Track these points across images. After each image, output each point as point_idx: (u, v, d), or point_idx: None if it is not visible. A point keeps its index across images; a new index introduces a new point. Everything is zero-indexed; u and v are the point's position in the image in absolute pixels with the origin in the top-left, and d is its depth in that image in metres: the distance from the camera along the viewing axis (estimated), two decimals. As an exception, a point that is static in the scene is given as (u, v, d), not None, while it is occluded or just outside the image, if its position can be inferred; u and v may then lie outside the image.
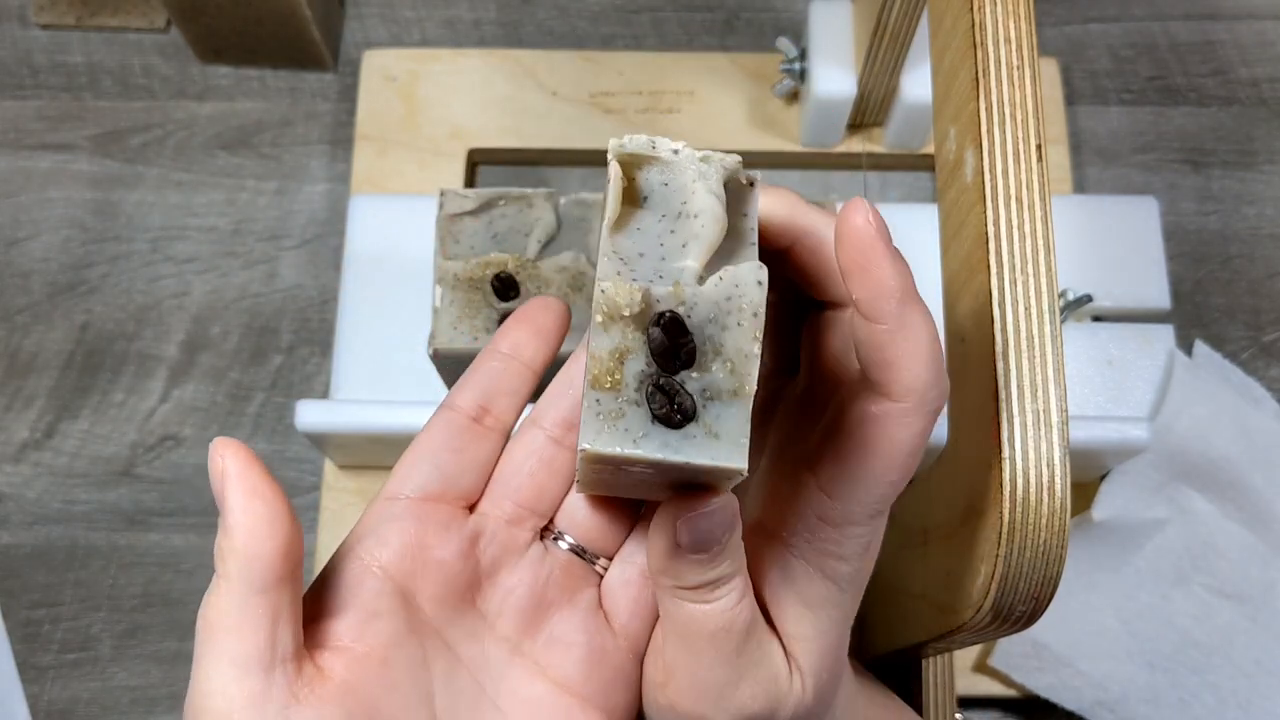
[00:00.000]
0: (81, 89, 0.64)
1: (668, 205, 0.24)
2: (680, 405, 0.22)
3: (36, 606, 0.55)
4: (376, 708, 0.27)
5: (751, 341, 0.22)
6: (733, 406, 0.22)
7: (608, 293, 0.22)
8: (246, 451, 0.26)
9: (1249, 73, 0.64)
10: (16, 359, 0.59)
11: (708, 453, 0.22)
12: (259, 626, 0.25)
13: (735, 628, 0.26)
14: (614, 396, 0.22)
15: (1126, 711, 0.50)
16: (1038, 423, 0.30)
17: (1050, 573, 0.30)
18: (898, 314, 0.24)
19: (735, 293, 0.22)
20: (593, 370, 0.22)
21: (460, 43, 0.65)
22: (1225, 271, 0.60)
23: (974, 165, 0.32)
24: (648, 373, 0.22)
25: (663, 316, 0.22)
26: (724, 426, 0.22)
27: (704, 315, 0.22)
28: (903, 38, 0.52)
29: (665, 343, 0.22)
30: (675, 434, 0.22)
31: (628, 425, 0.22)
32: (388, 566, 0.28)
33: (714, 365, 0.22)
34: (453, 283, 0.46)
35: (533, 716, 0.29)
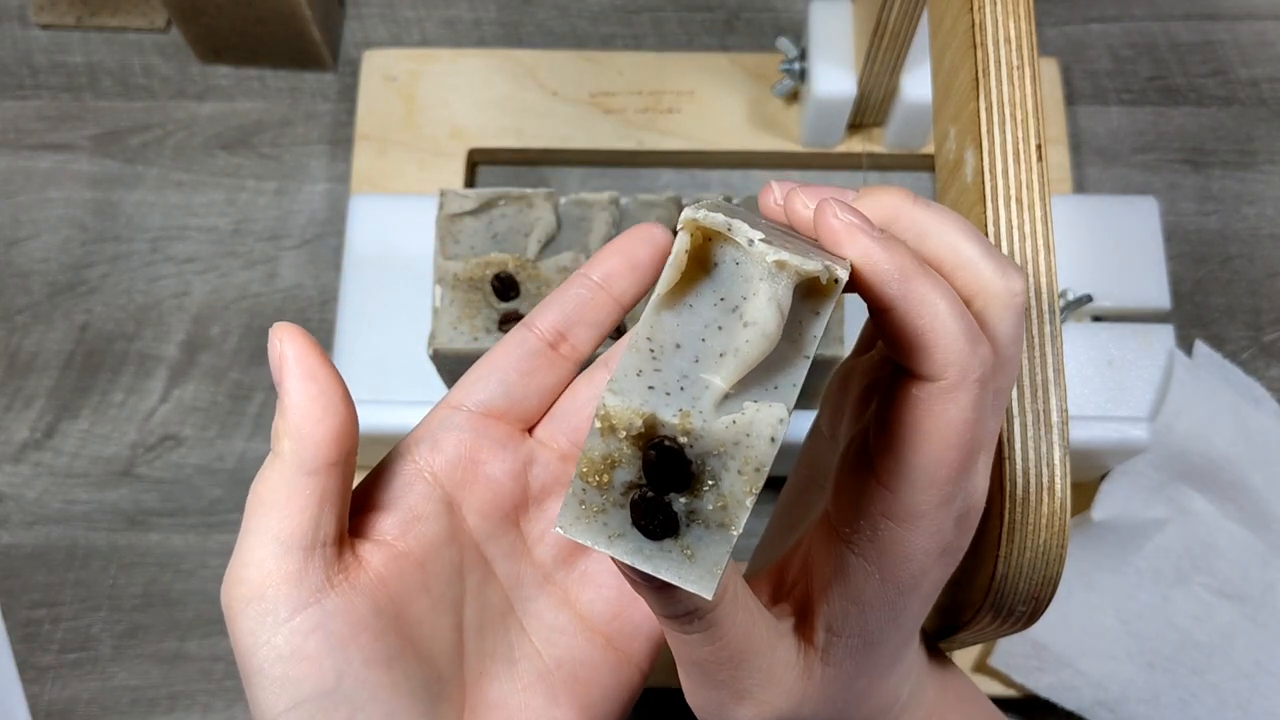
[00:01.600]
0: (81, 89, 0.64)
1: (730, 290, 0.22)
2: (663, 522, 0.21)
3: (36, 606, 0.55)
4: (406, 606, 0.27)
5: (746, 494, 0.21)
6: (716, 536, 0.21)
7: (610, 410, 0.21)
8: (305, 336, 0.26)
9: (1249, 73, 0.64)
10: (16, 359, 0.59)
11: (678, 573, 0.21)
12: (305, 507, 0.26)
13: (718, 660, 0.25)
14: (599, 494, 0.22)
15: (1126, 711, 0.50)
16: (1038, 423, 0.30)
17: (1050, 573, 0.30)
18: (901, 294, 0.23)
19: (746, 441, 0.21)
20: (582, 466, 0.22)
21: (460, 43, 0.65)
22: (1225, 271, 0.60)
23: (974, 165, 0.32)
24: (637, 484, 0.22)
25: (663, 443, 0.21)
26: (702, 552, 0.21)
27: (708, 448, 0.21)
28: (903, 38, 0.52)
29: (659, 472, 0.21)
30: (652, 545, 0.22)
31: (607, 521, 0.22)
32: (439, 473, 0.29)
33: (707, 495, 0.21)
34: (453, 283, 0.46)
35: (553, 642, 0.30)
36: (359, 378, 0.53)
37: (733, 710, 0.26)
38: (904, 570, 0.25)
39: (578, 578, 0.30)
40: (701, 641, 0.25)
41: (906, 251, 0.23)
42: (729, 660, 0.25)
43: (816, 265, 0.21)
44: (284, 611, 0.25)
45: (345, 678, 0.25)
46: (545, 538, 0.30)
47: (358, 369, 0.53)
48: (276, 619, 0.25)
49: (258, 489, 0.26)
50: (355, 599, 0.26)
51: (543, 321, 0.30)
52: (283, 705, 0.25)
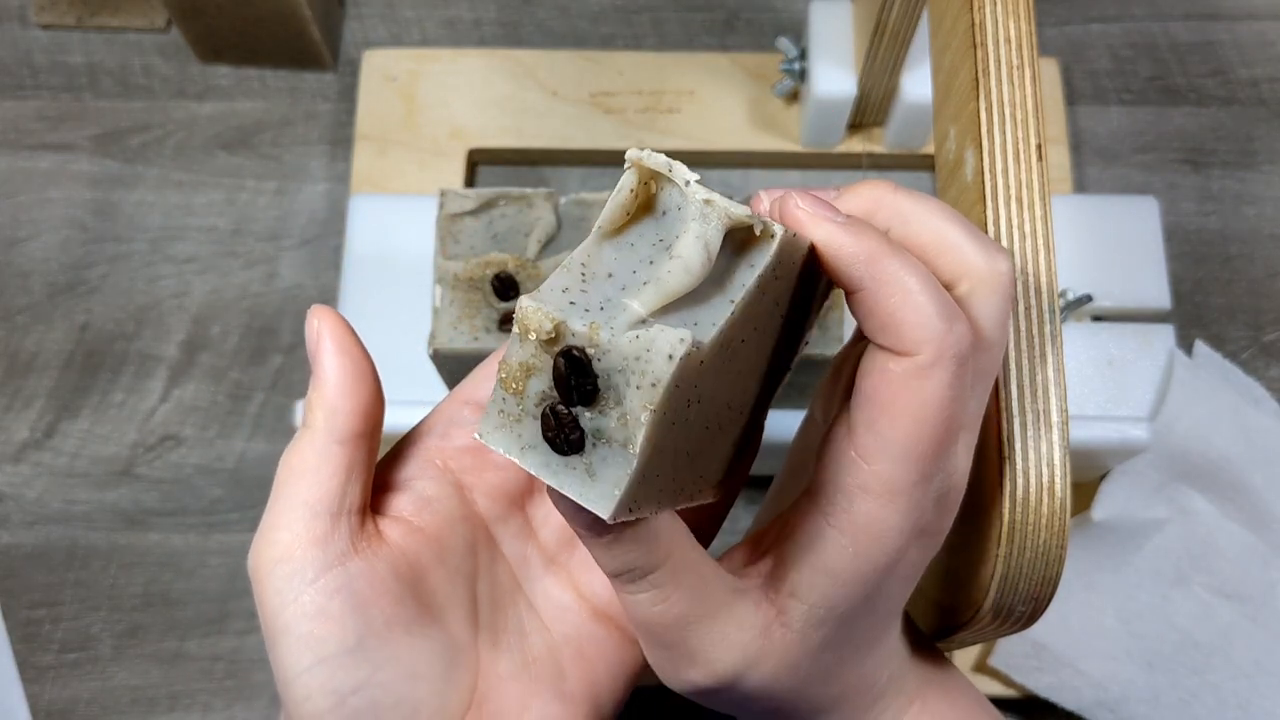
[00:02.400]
0: (81, 89, 0.64)
1: (669, 233, 0.23)
2: (568, 436, 0.22)
3: (36, 606, 0.55)
4: (424, 575, 0.28)
5: (642, 409, 0.21)
6: (618, 457, 0.22)
7: (524, 310, 0.22)
8: (338, 316, 0.28)
9: (1249, 73, 0.64)
10: (16, 359, 0.59)
11: (579, 489, 0.22)
12: (334, 474, 0.27)
13: (665, 622, 0.26)
14: (516, 402, 0.23)
15: (1126, 711, 0.50)
16: (1038, 423, 0.30)
17: (1050, 573, 0.30)
18: (869, 274, 0.23)
19: (645, 356, 0.21)
20: (502, 372, 0.23)
21: (460, 42, 0.65)
22: (1225, 271, 0.60)
23: (974, 165, 0.32)
24: (548, 395, 0.22)
25: (569, 351, 0.22)
26: (603, 471, 0.22)
27: (613, 364, 0.22)
28: (903, 38, 0.52)
29: (565, 377, 0.22)
30: (558, 459, 0.22)
31: (521, 432, 0.23)
32: (448, 461, 0.30)
33: (611, 413, 0.22)
34: (453, 283, 0.46)
35: (560, 619, 0.31)
36: (359, 378, 0.53)
37: (685, 671, 0.27)
38: (878, 546, 0.25)
39: (580, 561, 0.32)
40: (648, 602, 0.25)
41: (874, 234, 0.24)
42: (677, 621, 0.26)
43: (745, 210, 0.22)
44: (311, 572, 0.26)
45: (367, 637, 0.27)
46: (549, 521, 0.32)
47: (358, 369, 0.53)
48: (304, 579, 0.26)
49: (289, 459, 0.28)
50: (377, 564, 0.27)
51: None
52: (307, 661, 0.26)
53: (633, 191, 0.23)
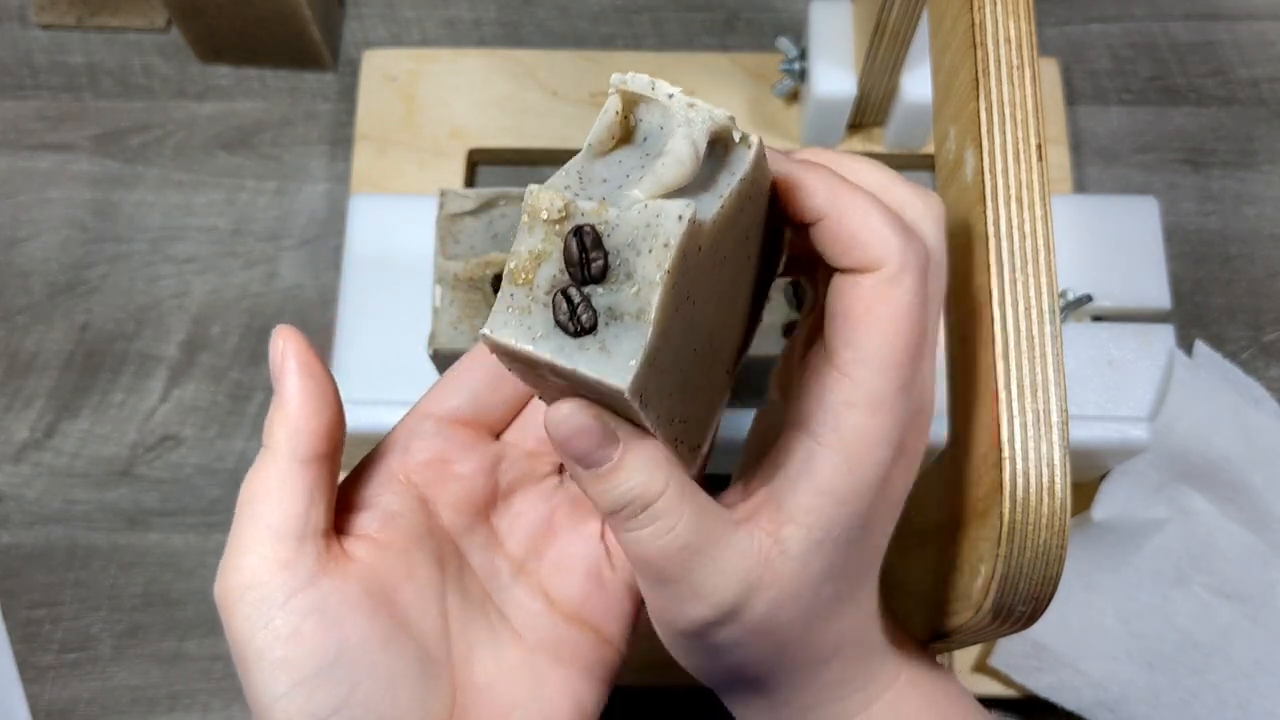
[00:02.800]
0: (81, 89, 0.64)
1: (654, 147, 0.25)
2: (580, 316, 0.23)
3: (36, 606, 0.55)
4: (394, 591, 0.28)
5: (656, 269, 0.22)
6: (632, 330, 0.23)
7: (533, 194, 0.23)
8: (303, 338, 0.28)
9: (1249, 73, 0.64)
10: (16, 359, 0.59)
11: (596, 366, 0.23)
12: (297, 496, 0.27)
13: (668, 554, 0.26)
14: (526, 292, 0.23)
15: (1126, 711, 0.50)
16: (1038, 423, 0.30)
17: (1050, 573, 0.30)
18: (830, 200, 0.26)
19: (655, 221, 0.23)
20: (511, 263, 0.23)
21: (460, 43, 0.65)
22: (1225, 271, 0.60)
23: (974, 165, 0.32)
24: (559, 279, 0.23)
25: (580, 229, 0.23)
26: (619, 346, 0.23)
27: (623, 239, 0.23)
28: (903, 38, 0.52)
29: (576, 254, 0.23)
30: (572, 341, 0.23)
31: (531, 324, 0.23)
32: (412, 474, 0.30)
33: (623, 287, 0.23)
34: (453, 283, 0.46)
35: (532, 627, 0.31)
36: (359, 378, 0.53)
37: (689, 608, 0.27)
38: (870, 459, 0.26)
39: (548, 566, 0.32)
40: (651, 536, 0.26)
41: (829, 170, 0.26)
42: (680, 552, 0.26)
43: (725, 114, 0.24)
44: (280, 595, 0.26)
45: (343, 653, 0.27)
46: (515, 531, 0.32)
47: (358, 369, 0.53)
48: (273, 603, 0.26)
49: (250, 484, 0.28)
50: (347, 583, 0.27)
51: None
52: (283, 686, 0.26)
53: (618, 114, 0.24)
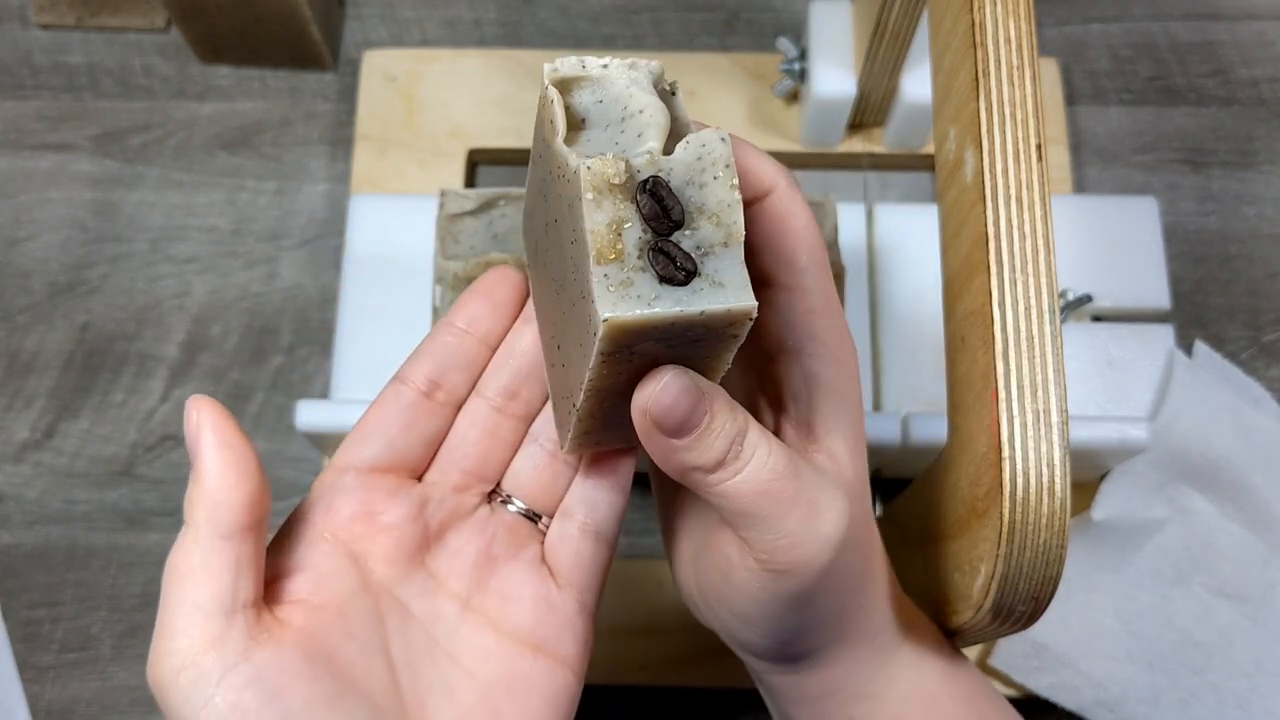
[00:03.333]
0: (81, 89, 0.64)
1: (608, 117, 0.25)
2: (682, 264, 0.23)
3: (36, 606, 0.55)
4: (334, 651, 0.28)
5: (730, 190, 0.24)
6: (728, 255, 0.24)
7: (594, 168, 0.23)
8: (219, 407, 0.27)
9: (1249, 73, 0.64)
10: (16, 359, 0.59)
11: (718, 299, 0.23)
12: (222, 571, 0.27)
13: (780, 472, 0.26)
14: (619, 267, 0.23)
15: (1126, 711, 0.50)
16: (1038, 423, 0.30)
17: (1050, 573, 0.30)
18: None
19: (704, 152, 0.24)
20: (595, 246, 0.23)
21: (460, 43, 0.65)
22: (1225, 271, 0.60)
23: (974, 165, 0.32)
24: (645, 239, 0.23)
25: (648, 183, 0.23)
26: (725, 275, 0.24)
27: (681, 179, 0.24)
28: (903, 38, 0.52)
29: (655, 207, 0.23)
30: (683, 290, 0.23)
31: (639, 291, 0.23)
32: (337, 532, 0.30)
33: (701, 222, 0.24)
34: (453, 283, 0.46)
35: (485, 664, 0.31)
36: (359, 378, 0.53)
37: (815, 526, 0.27)
38: (847, 348, 0.30)
39: (494, 598, 0.32)
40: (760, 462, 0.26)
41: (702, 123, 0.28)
42: (788, 468, 0.27)
43: (659, 64, 0.26)
44: (215, 673, 0.26)
45: None
46: (455, 569, 0.32)
47: (358, 369, 0.53)
48: (209, 681, 0.26)
49: (174, 561, 0.27)
50: (283, 651, 0.27)
51: (414, 374, 0.32)
52: None
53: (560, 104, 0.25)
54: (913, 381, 0.53)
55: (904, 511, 0.42)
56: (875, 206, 0.57)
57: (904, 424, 0.48)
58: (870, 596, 0.31)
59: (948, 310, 0.35)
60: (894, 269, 0.56)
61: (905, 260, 0.56)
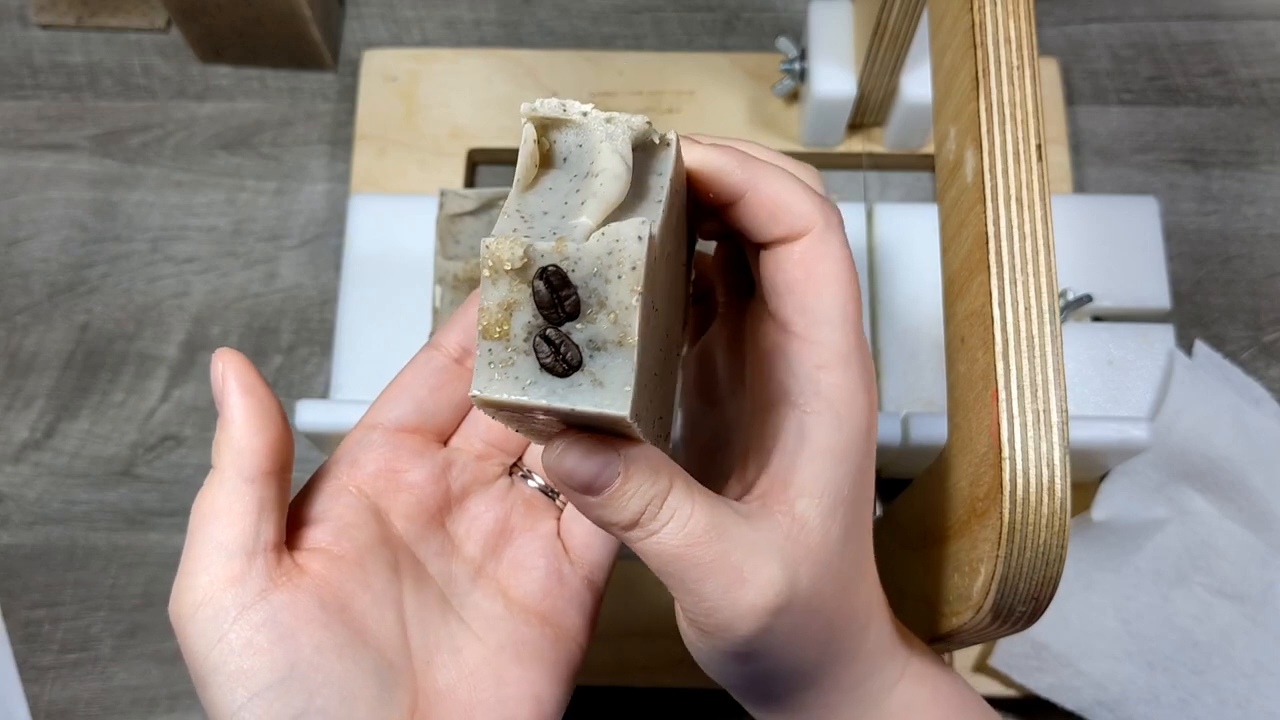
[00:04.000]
0: (81, 89, 0.64)
1: (579, 166, 0.25)
2: (565, 355, 0.23)
3: (36, 606, 0.55)
4: (350, 601, 0.29)
5: (629, 293, 0.23)
6: (618, 357, 0.23)
7: (491, 248, 0.23)
8: (243, 358, 0.28)
9: (1249, 73, 0.64)
10: (16, 359, 0.59)
11: (592, 400, 0.23)
12: (245, 513, 0.27)
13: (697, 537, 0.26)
14: (504, 346, 0.23)
15: (1126, 711, 0.50)
16: (1038, 423, 0.30)
17: (1050, 573, 0.30)
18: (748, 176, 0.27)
19: (616, 247, 0.23)
20: (483, 321, 0.23)
21: (460, 43, 0.65)
22: (1225, 271, 0.60)
23: (974, 165, 0.32)
24: (535, 324, 0.23)
25: (545, 271, 0.23)
26: (609, 375, 0.23)
27: (588, 270, 0.23)
28: (903, 38, 0.52)
29: (548, 296, 0.23)
30: (562, 382, 0.23)
31: (518, 374, 0.23)
32: (362, 485, 0.31)
33: (599, 317, 0.23)
34: (453, 283, 0.46)
35: (493, 629, 0.31)
36: (359, 378, 0.53)
37: (736, 594, 0.26)
38: (854, 411, 0.28)
39: (507, 566, 0.32)
40: (676, 527, 0.26)
41: (736, 149, 0.27)
42: (707, 534, 0.26)
43: (643, 119, 0.25)
44: (233, 610, 0.27)
45: (298, 664, 0.27)
46: (473, 534, 0.32)
47: (358, 369, 0.53)
48: (226, 618, 0.27)
49: (199, 505, 0.28)
50: (299, 595, 0.28)
51: (447, 340, 0.33)
52: (241, 698, 0.26)
53: (536, 143, 0.25)
54: (913, 381, 0.53)
55: (904, 512, 0.42)
56: (875, 206, 0.57)
57: (904, 424, 0.48)
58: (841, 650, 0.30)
59: (948, 310, 0.35)
60: (894, 269, 0.56)
61: (905, 260, 0.56)
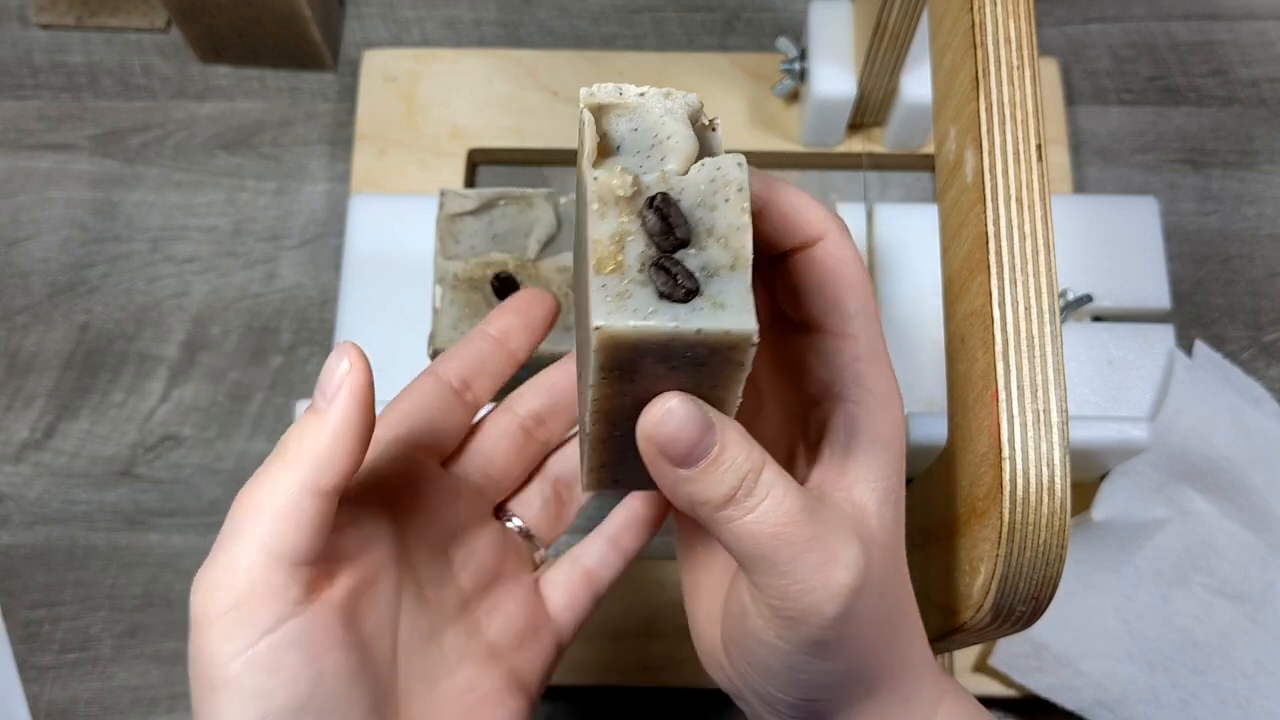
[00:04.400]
0: (81, 89, 0.64)
1: (640, 145, 0.25)
2: (681, 281, 0.23)
3: (36, 606, 0.55)
4: (359, 619, 0.28)
5: (740, 213, 0.23)
6: (733, 279, 0.23)
7: (600, 180, 0.23)
8: (367, 365, 0.27)
9: (1249, 73, 0.64)
10: (16, 359, 0.59)
11: (716, 320, 0.23)
12: (303, 525, 0.26)
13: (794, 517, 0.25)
14: (619, 278, 0.23)
15: (1126, 711, 0.50)
16: (1038, 423, 0.30)
17: (1050, 573, 0.30)
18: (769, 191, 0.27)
19: (718, 175, 0.24)
20: (595, 255, 0.23)
21: (460, 43, 0.65)
22: (1225, 271, 0.60)
23: (974, 165, 0.32)
24: (648, 254, 0.23)
25: (655, 199, 0.23)
26: (728, 297, 0.23)
27: (692, 200, 0.23)
28: (903, 38, 0.52)
29: (660, 223, 0.23)
30: (682, 308, 0.23)
31: (636, 305, 0.23)
32: (384, 499, 0.31)
33: (709, 244, 0.23)
34: (453, 283, 0.46)
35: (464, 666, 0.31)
36: (359, 378, 0.53)
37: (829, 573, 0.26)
38: (893, 398, 0.29)
39: (490, 606, 0.33)
40: (774, 502, 0.25)
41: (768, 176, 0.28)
42: (803, 514, 0.25)
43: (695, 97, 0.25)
44: (267, 622, 0.26)
45: (317, 691, 0.26)
46: (468, 566, 0.32)
47: (358, 369, 0.53)
48: (258, 628, 0.25)
49: (255, 496, 0.26)
50: (327, 613, 0.27)
51: (448, 370, 0.33)
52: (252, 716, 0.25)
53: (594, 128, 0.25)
54: (913, 381, 0.53)
55: (904, 511, 0.42)
56: (875, 206, 0.57)
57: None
58: (898, 654, 0.30)
59: (948, 310, 0.35)
60: (894, 269, 0.56)
61: (905, 260, 0.56)
